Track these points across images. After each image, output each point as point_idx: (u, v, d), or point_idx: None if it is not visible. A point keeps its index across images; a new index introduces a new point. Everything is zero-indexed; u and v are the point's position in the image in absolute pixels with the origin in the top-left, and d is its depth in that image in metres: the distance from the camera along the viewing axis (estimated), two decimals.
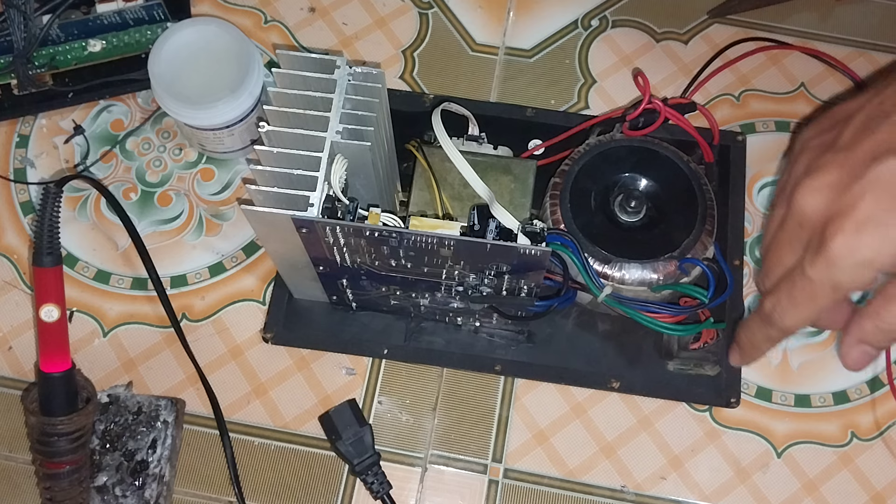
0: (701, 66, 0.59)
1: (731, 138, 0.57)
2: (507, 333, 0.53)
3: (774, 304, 0.43)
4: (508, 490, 0.51)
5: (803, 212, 0.40)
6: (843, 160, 0.40)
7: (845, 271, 0.39)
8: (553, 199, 0.51)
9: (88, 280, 0.55)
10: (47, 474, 0.48)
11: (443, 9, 0.62)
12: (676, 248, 0.49)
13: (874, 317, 0.41)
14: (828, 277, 0.39)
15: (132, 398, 0.51)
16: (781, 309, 0.42)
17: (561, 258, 0.48)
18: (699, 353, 0.51)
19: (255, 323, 0.54)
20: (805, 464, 0.51)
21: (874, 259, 0.38)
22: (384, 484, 0.50)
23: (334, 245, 0.44)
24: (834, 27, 0.61)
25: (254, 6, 0.62)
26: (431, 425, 0.53)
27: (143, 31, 0.59)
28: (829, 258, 0.39)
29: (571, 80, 0.60)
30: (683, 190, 0.51)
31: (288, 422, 0.53)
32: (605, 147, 0.52)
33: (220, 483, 0.51)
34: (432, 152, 0.51)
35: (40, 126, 0.59)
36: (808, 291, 0.40)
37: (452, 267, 0.44)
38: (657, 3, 0.62)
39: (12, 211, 0.57)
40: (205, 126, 0.53)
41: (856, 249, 0.38)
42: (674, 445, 0.52)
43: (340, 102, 0.43)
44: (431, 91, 0.59)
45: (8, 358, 0.54)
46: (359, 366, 0.54)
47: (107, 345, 0.54)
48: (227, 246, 0.56)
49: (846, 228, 0.38)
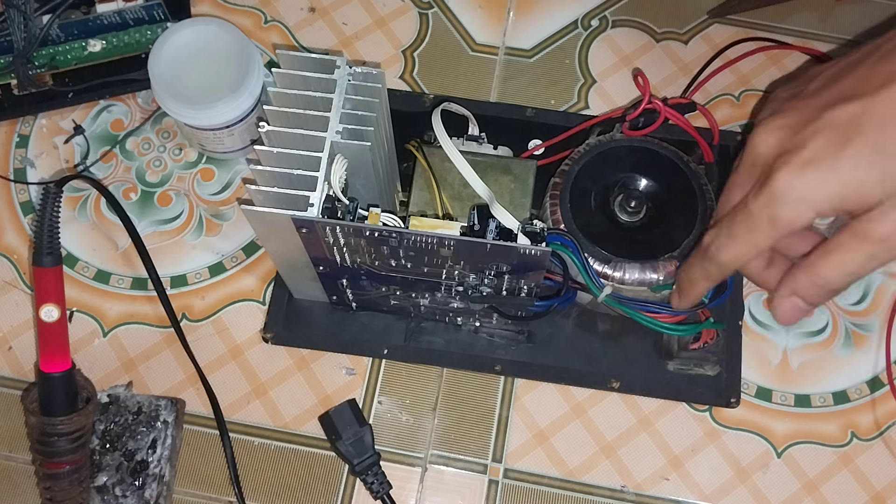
0: (701, 66, 0.59)
1: (731, 138, 0.57)
2: (507, 333, 0.53)
3: (713, 238, 0.43)
4: (508, 490, 0.51)
5: (757, 150, 0.41)
6: (804, 105, 0.40)
7: (785, 206, 0.39)
8: (553, 199, 0.51)
9: (88, 280, 0.55)
10: (47, 474, 0.48)
11: (443, 9, 0.62)
12: (676, 248, 0.49)
13: (809, 269, 0.40)
14: (767, 211, 0.39)
15: (132, 398, 0.51)
16: (719, 241, 0.42)
17: (561, 258, 0.48)
18: (699, 353, 0.51)
19: (255, 323, 0.54)
20: (805, 464, 0.51)
21: (812, 197, 0.38)
22: (384, 484, 0.50)
23: (334, 245, 0.44)
24: (834, 27, 0.61)
25: (254, 6, 0.62)
26: (431, 425, 0.53)
27: (143, 31, 0.59)
28: (771, 191, 0.39)
29: (571, 80, 0.60)
30: (683, 190, 0.51)
31: (288, 422, 0.53)
32: (605, 147, 0.52)
33: (220, 483, 0.51)
34: (432, 152, 0.51)
35: (40, 126, 0.59)
36: (747, 224, 0.40)
37: (452, 267, 0.44)
38: (657, 3, 0.62)
39: (12, 211, 0.57)
40: (205, 126, 0.53)
41: (797, 185, 0.38)
42: (674, 445, 0.52)
43: (340, 102, 0.43)
44: (431, 91, 0.60)
45: (8, 358, 0.54)
46: (359, 366, 0.54)
47: (107, 345, 0.54)
48: (227, 246, 0.56)
49: (792, 164, 0.39)
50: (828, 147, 0.38)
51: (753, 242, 0.41)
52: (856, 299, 0.55)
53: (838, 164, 0.38)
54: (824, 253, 0.40)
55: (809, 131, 0.39)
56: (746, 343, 0.53)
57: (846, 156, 0.38)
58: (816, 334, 0.54)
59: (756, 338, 0.54)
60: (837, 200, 0.38)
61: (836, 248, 0.39)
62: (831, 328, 0.54)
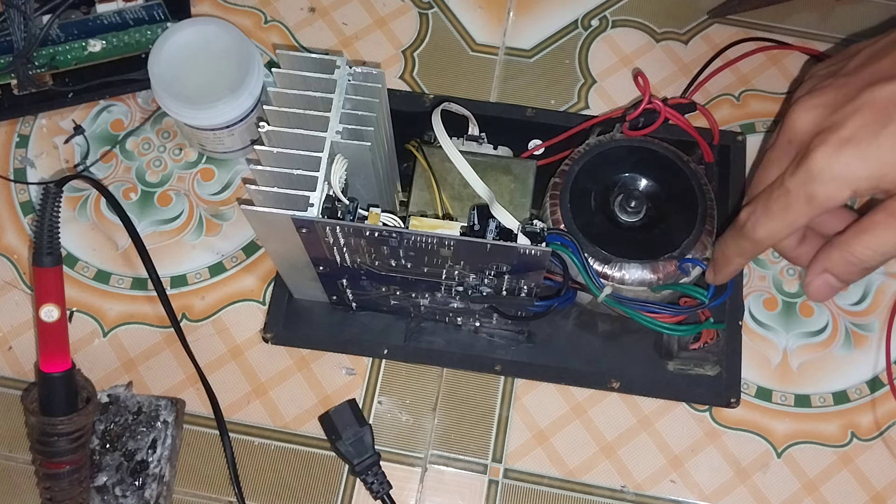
0: (701, 66, 0.59)
1: (731, 138, 0.57)
2: (507, 333, 0.53)
3: (749, 215, 0.43)
4: (508, 490, 0.51)
5: (794, 127, 0.41)
6: (842, 84, 0.40)
7: (822, 184, 0.39)
8: (553, 199, 0.51)
9: (88, 280, 0.55)
10: (47, 474, 0.48)
11: (443, 9, 0.62)
12: (676, 248, 0.49)
13: (842, 247, 0.41)
14: (804, 189, 0.39)
15: (132, 398, 0.51)
16: (755, 218, 0.42)
17: (561, 258, 0.48)
18: (699, 353, 0.51)
19: (255, 323, 0.54)
20: (805, 464, 0.51)
21: (850, 176, 0.38)
22: (384, 484, 0.50)
23: (334, 245, 0.44)
24: (834, 27, 0.61)
25: (254, 6, 0.62)
26: (431, 425, 0.53)
27: (143, 31, 0.59)
28: (808, 169, 0.39)
29: (571, 80, 0.60)
30: (683, 190, 0.51)
31: (288, 422, 0.53)
32: (605, 147, 0.52)
33: (220, 483, 0.51)
34: (432, 152, 0.51)
35: (40, 126, 0.59)
36: (784, 201, 0.41)
37: (452, 267, 0.44)
38: (657, 3, 0.62)
39: (12, 211, 0.57)
40: (205, 126, 0.53)
41: (835, 164, 0.39)
42: (674, 445, 0.52)
43: (340, 102, 0.43)
44: (431, 91, 0.60)
45: (8, 358, 0.54)
46: (359, 366, 0.54)
47: (107, 345, 0.54)
48: (227, 246, 0.56)
49: (829, 142, 0.39)
50: (866, 126, 0.38)
51: (789, 220, 0.41)
52: (856, 299, 0.55)
53: (876, 143, 0.38)
54: (858, 231, 0.40)
55: (848, 110, 0.39)
56: (746, 343, 0.53)
57: (885, 135, 0.38)
58: (816, 334, 0.54)
59: (756, 338, 0.54)
60: (874, 180, 0.38)
61: (870, 226, 0.39)
62: (831, 328, 0.54)
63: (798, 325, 0.54)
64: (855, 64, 0.41)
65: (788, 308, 0.54)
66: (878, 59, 0.40)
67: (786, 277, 0.55)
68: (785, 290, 0.55)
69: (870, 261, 0.40)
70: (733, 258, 0.45)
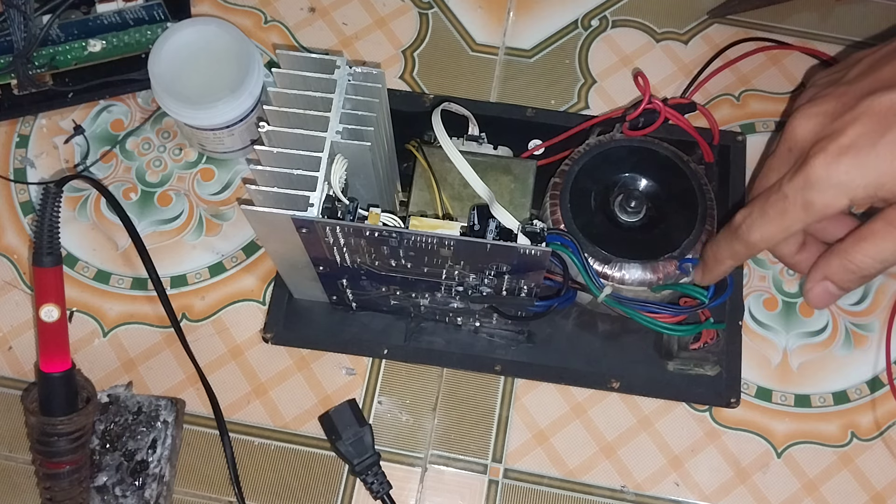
0: (701, 66, 0.59)
1: (731, 138, 0.57)
2: (507, 333, 0.53)
3: (745, 217, 0.43)
4: (508, 490, 0.51)
5: (794, 135, 0.41)
6: (843, 92, 0.41)
7: (820, 192, 0.39)
8: (553, 199, 0.51)
9: (88, 280, 0.55)
10: (47, 474, 0.48)
11: (443, 9, 0.62)
12: (676, 248, 0.49)
13: (842, 255, 0.41)
14: (801, 195, 0.40)
15: (132, 398, 0.51)
16: (751, 221, 0.42)
17: (561, 258, 0.48)
18: (699, 353, 0.51)
19: (255, 323, 0.54)
20: (805, 464, 0.51)
21: (848, 184, 0.39)
22: (384, 484, 0.50)
23: (334, 245, 0.44)
24: (834, 27, 0.61)
25: (254, 6, 0.62)
26: (431, 425, 0.53)
27: (143, 31, 0.59)
28: (806, 176, 0.39)
29: (571, 80, 0.60)
30: (683, 190, 0.51)
31: (288, 422, 0.53)
32: (605, 147, 0.52)
33: (220, 483, 0.51)
34: (432, 152, 0.51)
35: (40, 126, 0.59)
36: (780, 206, 0.41)
37: (452, 267, 0.44)
38: (657, 3, 0.62)
39: (12, 211, 0.57)
40: (205, 126, 0.53)
41: (833, 172, 0.39)
42: (674, 445, 0.52)
43: (340, 102, 0.43)
44: (431, 91, 0.60)
45: (8, 358, 0.54)
46: (359, 366, 0.54)
47: (107, 345, 0.54)
48: (227, 246, 0.56)
49: (828, 150, 0.39)
50: (866, 135, 0.38)
51: (784, 225, 0.41)
52: (856, 299, 0.55)
53: (875, 151, 0.38)
54: (858, 239, 0.40)
55: (848, 118, 0.39)
56: (746, 343, 0.53)
57: (883, 143, 0.38)
58: (816, 334, 0.54)
59: (756, 338, 0.54)
60: (872, 188, 0.38)
61: (869, 235, 0.40)
62: (831, 328, 0.54)
63: (798, 325, 0.54)
64: (856, 72, 0.42)
65: (788, 308, 0.54)
66: (878, 67, 0.41)
67: (786, 277, 0.55)
68: (785, 290, 0.55)
69: (869, 269, 0.40)
70: (725, 259, 0.45)
